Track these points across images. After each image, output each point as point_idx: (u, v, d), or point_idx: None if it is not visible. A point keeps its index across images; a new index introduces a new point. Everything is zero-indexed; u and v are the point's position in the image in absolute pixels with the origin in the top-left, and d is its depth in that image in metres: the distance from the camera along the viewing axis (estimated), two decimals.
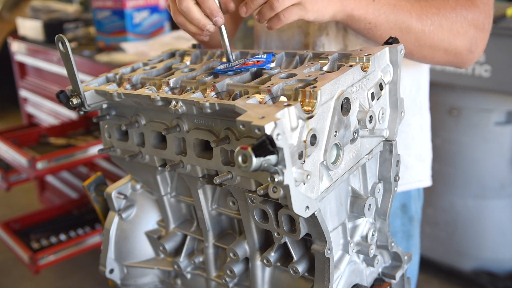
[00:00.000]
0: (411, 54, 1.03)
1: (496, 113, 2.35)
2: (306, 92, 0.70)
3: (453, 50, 1.02)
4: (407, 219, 1.29)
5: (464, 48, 1.03)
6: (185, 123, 0.84)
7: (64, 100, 0.89)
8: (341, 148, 0.77)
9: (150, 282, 1.07)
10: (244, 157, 0.59)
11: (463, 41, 1.02)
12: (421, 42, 1.00)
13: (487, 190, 2.46)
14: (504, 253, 2.53)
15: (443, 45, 1.01)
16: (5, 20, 4.98)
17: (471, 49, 1.04)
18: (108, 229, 1.04)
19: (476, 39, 1.03)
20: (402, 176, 1.21)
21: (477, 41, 1.04)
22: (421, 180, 1.28)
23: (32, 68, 3.17)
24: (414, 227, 1.31)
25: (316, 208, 0.72)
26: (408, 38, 0.99)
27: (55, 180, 3.26)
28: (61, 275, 2.94)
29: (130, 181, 1.05)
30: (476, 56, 1.06)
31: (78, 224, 2.68)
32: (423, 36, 0.99)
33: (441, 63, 1.06)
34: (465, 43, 1.02)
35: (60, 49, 0.84)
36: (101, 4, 2.71)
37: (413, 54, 1.03)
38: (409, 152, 1.23)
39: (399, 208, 1.27)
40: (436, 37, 1.00)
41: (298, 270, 0.84)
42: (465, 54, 1.04)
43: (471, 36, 1.02)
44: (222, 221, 0.97)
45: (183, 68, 0.95)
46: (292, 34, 1.16)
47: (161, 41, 2.67)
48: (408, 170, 1.24)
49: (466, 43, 1.03)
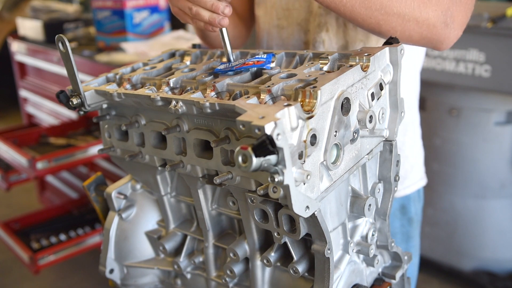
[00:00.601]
0: (378, 25, 0.94)
1: (496, 113, 2.35)
2: (306, 92, 0.70)
3: (425, 21, 0.94)
4: (406, 221, 1.28)
5: (438, 20, 0.94)
6: (185, 123, 0.84)
7: (64, 100, 0.89)
8: (341, 148, 0.77)
9: (150, 282, 1.07)
10: (244, 157, 0.59)
11: (436, 12, 0.94)
12: (387, 9, 0.92)
13: (487, 190, 2.46)
14: (504, 253, 2.53)
15: (413, 14, 0.93)
16: (5, 20, 4.98)
17: (446, 22, 0.95)
18: (108, 229, 1.04)
19: (452, 11, 0.95)
20: (400, 183, 1.21)
21: (453, 13, 0.95)
22: (416, 182, 1.28)
23: (32, 68, 3.17)
24: (414, 228, 1.30)
25: (316, 208, 0.72)
26: (373, 5, 0.91)
27: (55, 180, 3.26)
28: (61, 275, 2.94)
29: (130, 181, 1.05)
30: (452, 33, 0.97)
31: (78, 224, 2.68)
32: (389, 2, 0.91)
33: (415, 39, 0.97)
34: (439, 14, 0.94)
35: (60, 49, 0.84)
36: (101, 4, 2.71)
37: (381, 25, 0.94)
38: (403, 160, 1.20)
39: (398, 210, 1.27)
40: (404, 4, 0.92)
41: (298, 270, 0.84)
42: (439, 27, 0.95)
43: (446, 7, 0.94)
44: (222, 221, 0.97)
45: (183, 68, 0.95)
46: (292, 31, 1.16)
47: (161, 41, 2.67)
48: (405, 177, 1.23)
49: (440, 15, 0.94)
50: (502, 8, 2.20)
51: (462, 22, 0.98)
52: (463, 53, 2.27)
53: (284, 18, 1.16)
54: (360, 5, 0.91)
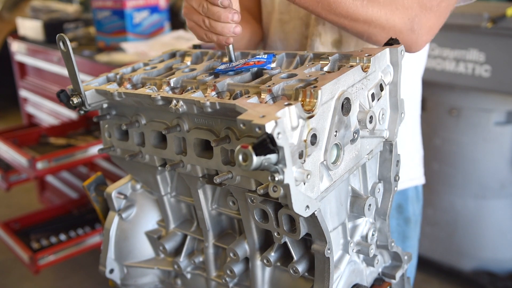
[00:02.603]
0: (346, 29, 0.97)
1: (496, 113, 2.36)
2: (306, 92, 0.71)
3: (391, 28, 0.95)
4: (402, 220, 1.28)
5: (404, 26, 0.95)
6: (185, 122, 0.84)
7: (64, 100, 0.89)
8: (341, 148, 0.77)
9: (150, 282, 1.07)
10: (244, 155, 0.59)
11: (403, 19, 0.95)
12: (353, 17, 0.93)
13: (487, 190, 2.46)
14: (504, 253, 2.53)
15: (379, 22, 0.94)
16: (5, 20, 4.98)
17: (412, 29, 0.96)
18: (108, 229, 1.04)
19: (420, 18, 0.96)
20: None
21: (421, 20, 0.96)
22: (412, 179, 1.27)
23: (32, 68, 3.17)
24: (411, 228, 1.29)
25: (316, 208, 0.72)
26: (339, 12, 0.92)
27: (55, 180, 3.26)
28: (61, 275, 2.94)
29: (130, 181, 1.05)
30: (420, 38, 0.98)
31: (78, 224, 2.68)
32: (355, 10, 0.92)
33: (382, 43, 0.96)
34: (405, 21, 0.95)
35: (61, 48, 0.84)
36: (101, 4, 2.71)
37: (348, 29, 0.97)
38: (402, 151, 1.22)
39: (395, 209, 1.26)
40: (371, 12, 0.93)
41: (298, 270, 0.84)
42: (405, 33, 0.96)
43: (413, 14, 0.95)
44: (222, 221, 0.97)
45: (183, 68, 0.95)
46: (294, 25, 1.17)
47: (161, 41, 2.67)
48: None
49: (407, 21, 0.95)
50: (502, 8, 2.20)
51: (432, 28, 0.99)
52: (463, 53, 2.27)
53: (286, 12, 1.18)
54: (325, 11, 0.93)
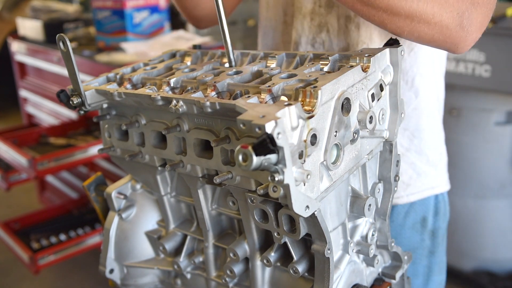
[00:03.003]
0: (383, 23, 0.87)
1: (496, 113, 2.36)
2: (306, 92, 0.71)
3: (437, 23, 0.85)
4: (427, 234, 1.20)
5: (453, 22, 0.85)
6: (185, 122, 0.84)
7: (64, 100, 0.89)
8: (341, 148, 0.77)
9: (150, 282, 1.07)
10: (244, 155, 0.59)
11: (452, 13, 0.85)
12: (394, 10, 0.84)
13: (487, 190, 2.46)
14: (504, 253, 2.53)
15: (424, 16, 0.84)
16: (5, 20, 4.98)
17: (461, 24, 0.86)
18: (108, 229, 1.04)
19: (471, 12, 0.86)
20: (414, 184, 1.16)
21: (472, 15, 0.86)
22: (434, 187, 1.20)
23: (32, 68, 3.17)
24: (437, 243, 1.22)
25: (316, 208, 0.72)
26: (378, 4, 0.84)
27: (55, 180, 3.26)
28: (61, 275, 2.94)
29: (130, 181, 1.05)
30: (469, 36, 0.89)
31: (78, 224, 2.68)
32: (397, 2, 0.83)
33: (425, 40, 0.89)
34: (454, 16, 0.85)
35: (61, 48, 0.84)
36: (101, 4, 2.71)
37: (386, 24, 0.87)
38: (422, 158, 1.16)
39: (419, 222, 1.18)
40: (416, 5, 0.83)
41: (298, 270, 0.84)
42: (453, 30, 0.86)
43: (463, 8, 0.85)
44: (222, 221, 0.97)
45: (183, 68, 0.95)
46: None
47: (161, 41, 2.67)
48: (420, 177, 1.16)
49: (456, 16, 0.85)
50: (502, 8, 2.20)
51: (482, 24, 0.90)
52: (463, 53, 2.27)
53: (290, 15, 1.17)
54: (361, 4, 0.86)
